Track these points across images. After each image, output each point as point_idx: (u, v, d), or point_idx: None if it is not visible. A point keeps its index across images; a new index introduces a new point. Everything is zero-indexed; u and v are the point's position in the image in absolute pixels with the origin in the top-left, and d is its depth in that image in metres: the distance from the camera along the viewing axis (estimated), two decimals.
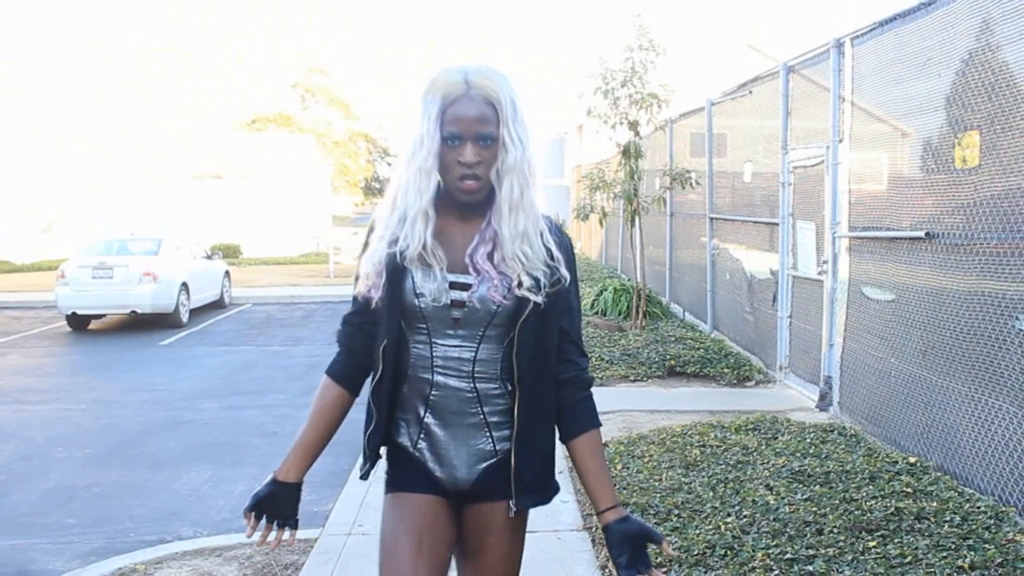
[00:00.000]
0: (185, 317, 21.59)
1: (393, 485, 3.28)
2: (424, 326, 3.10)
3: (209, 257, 24.48)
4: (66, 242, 35.67)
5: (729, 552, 5.90)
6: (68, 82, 48.50)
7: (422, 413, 3.17)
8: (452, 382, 3.12)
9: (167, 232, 23.31)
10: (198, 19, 64.79)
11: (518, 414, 3.11)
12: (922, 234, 8.03)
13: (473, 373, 3.12)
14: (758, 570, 5.58)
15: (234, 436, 10.96)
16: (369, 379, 3.28)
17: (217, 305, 24.68)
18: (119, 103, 49.08)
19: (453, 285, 3.06)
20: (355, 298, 3.25)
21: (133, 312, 20.68)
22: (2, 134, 42.27)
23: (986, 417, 7.04)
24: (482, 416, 3.15)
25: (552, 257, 3.09)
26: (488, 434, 3.17)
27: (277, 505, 3.29)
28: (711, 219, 15.64)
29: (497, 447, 3.18)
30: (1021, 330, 6.66)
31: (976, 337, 7.20)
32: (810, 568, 5.58)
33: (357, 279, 3.21)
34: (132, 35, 59.04)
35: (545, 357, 3.14)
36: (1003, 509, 6.43)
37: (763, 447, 8.26)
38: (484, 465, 3.19)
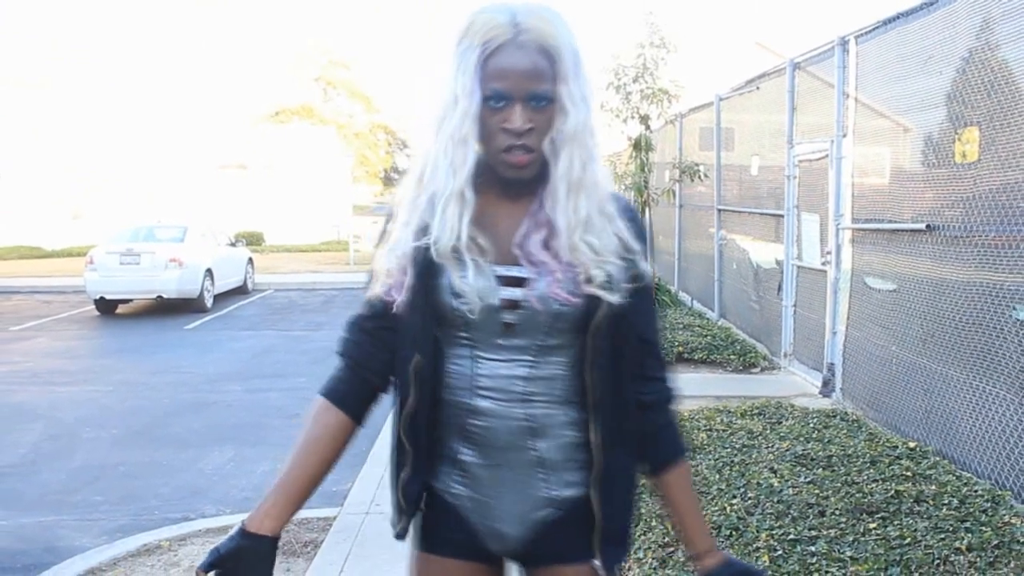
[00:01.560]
0: (209, 302, 21.65)
1: (425, 542, 2.51)
2: (465, 335, 2.33)
3: (233, 244, 24.56)
4: (95, 229, 35.72)
5: (734, 532, 5.91)
6: (97, 74, 48.58)
7: (459, 449, 2.38)
8: (499, 408, 2.31)
9: (192, 220, 23.36)
10: (225, 13, 64.80)
11: (600, 448, 2.34)
12: (923, 226, 8.02)
13: (527, 395, 2.32)
14: (762, 550, 5.58)
15: (257, 418, 10.99)
16: (396, 407, 2.44)
17: (240, 291, 24.75)
18: (148, 95, 49.14)
19: (503, 281, 2.29)
20: (368, 300, 2.45)
21: (159, 297, 20.75)
22: (33, 125, 42.40)
23: (984, 404, 7.04)
24: (537, 452, 2.34)
25: (627, 248, 2.32)
26: (544, 476, 2.37)
27: (243, 566, 2.30)
28: (719, 211, 15.62)
29: (556, 494, 2.39)
30: (1018, 320, 6.66)
31: (975, 326, 7.20)
32: (812, 548, 5.59)
33: (373, 277, 2.43)
34: (161, 28, 59.09)
35: (624, 374, 2.36)
36: (999, 493, 6.43)
37: (768, 431, 8.26)
38: (539, 517, 2.40)
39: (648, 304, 2.43)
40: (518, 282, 2.29)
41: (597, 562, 2.42)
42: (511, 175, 2.27)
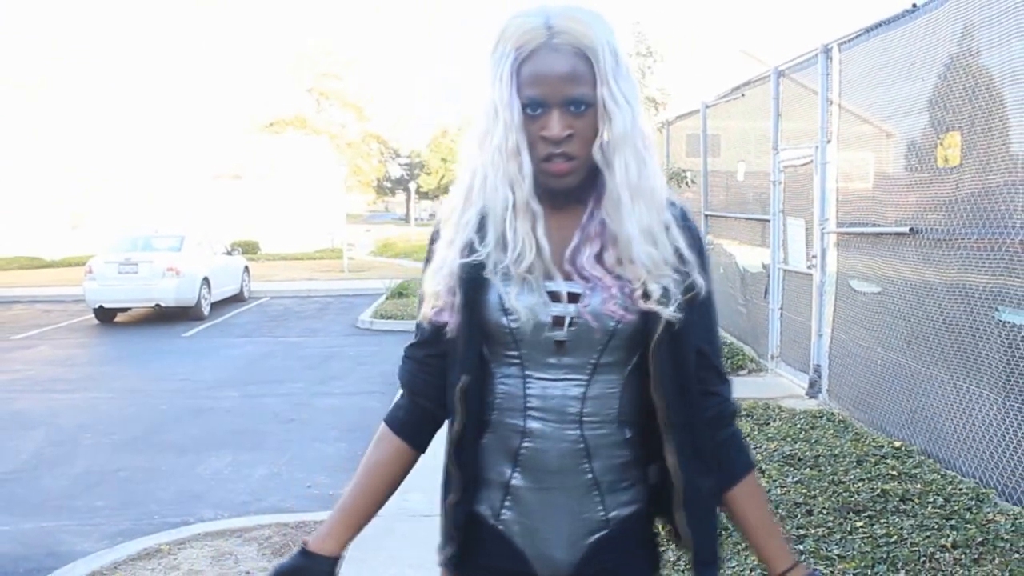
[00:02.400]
0: (206, 310, 21.63)
1: (465, 569, 2.32)
2: (515, 354, 2.18)
3: (229, 253, 24.55)
4: (93, 239, 35.67)
5: (724, 532, 5.90)
6: (95, 83, 48.58)
7: (508, 473, 2.22)
8: (552, 430, 2.16)
9: (189, 229, 23.34)
10: (221, 26, 64.90)
11: (677, 468, 2.18)
12: (906, 230, 8.03)
13: (581, 416, 2.16)
14: (751, 549, 5.58)
15: (253, 423, 10.96)
16: (446, 430, 2.34)
17: (237, 298, 24.71)
18: (145, 105, 49.17)
19: (553, 296, 2.14)
20: (419, 325, 2.33)
21: (157, 305, 20.73)
22: (31, 134, 42.33)
23: (968, 404, 7.04)
24: (592, 475, 2.19)
25: (682, 259, 2.17)
26: (599, 499, 2.22)
27: None
28: (706, 216, 15.61)
29: (610, 515, 2.23)
30: (1001, 321, 6.67)
31: (958, 327, 7.20)
32: (800, 547, 5.59)
33: (421, 301, 2.29)
34: (160, 41, 59.12)
35: (689, 390, 2.19)
36: (984, 491, 6.45)
37: (756, 432, 8.26)
38: (591, 540, 2.23)
39: (705, 316, 2.25)
40: (570, 298, 2.13)
41: None
42: (553, 184, 2.12)
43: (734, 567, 5.43)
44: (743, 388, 11.05)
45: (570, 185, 2.13)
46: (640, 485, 2.27)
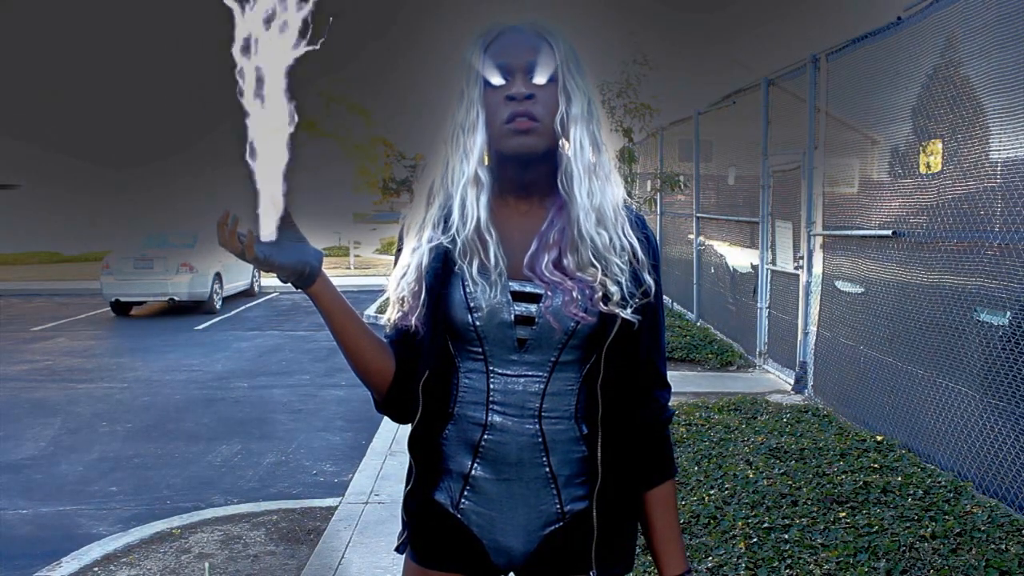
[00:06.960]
0: (218, 304, 21.65)
1: (421, 556, 2.33)
2: (479, 350, 2.19)
3: None
4: (110, 235, 35.71)
5: (712, 521, 5.91)
6: (116, 83, 48.60)
7: (468, 464, 2.23)
8: (512, 423, 2.18)
9: (202, 226, 23.35)
10: (235, 31, 64.88)
11: (602, 463, 2.19)
12: (889, 233, 8.02)
13: (540, 411, 2.18)
14: (738, 538, 5.58)
15: (263, 413, 10.94)
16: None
17: (247, 293, 24.76)
18: (161, 104, 49.18)
19: (516, 296, 2.16)
20: (385, 326, 2.35)
21: (171, 299, 20.71)
22: (52, 135, 42.40)
23: (947, 400, 7.04)
24: (548, 468, 2.20)
25: (636, 258, 2.18)
26: (554, 492, 2.22)
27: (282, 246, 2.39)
28: (697, 218, 15.63)
29: (566, 508, 2.24)
30: (979, 320, 6.67)
31: (938, 327, 7.20)
32: (785, 536, 5.59)
33: (388, 304, 2.29)
34: (174, 43, 59.08)
35: (631, 391, 2.24)
36: (961, 483, 6.44)
37: (744, 426, 8.26)
38: (546, 532, 2.25)
39: (655, 322, 2.27)
40: (533, 297, 2.15)
41: (593, 574, 2.24)
42: (518, 149, 2.10)
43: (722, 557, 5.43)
44: (732, 384, 11.07)
45: (535, 149, 2.12)
46: (595, 483, 2.24)
